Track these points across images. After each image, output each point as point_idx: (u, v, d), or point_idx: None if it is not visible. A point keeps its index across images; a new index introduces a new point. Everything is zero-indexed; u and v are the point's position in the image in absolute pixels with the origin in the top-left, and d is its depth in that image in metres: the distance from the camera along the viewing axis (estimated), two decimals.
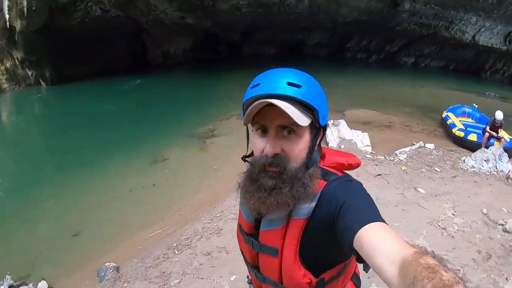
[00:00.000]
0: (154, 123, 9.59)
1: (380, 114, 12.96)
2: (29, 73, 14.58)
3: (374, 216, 0.99)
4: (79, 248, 5.16)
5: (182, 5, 14.60)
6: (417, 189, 6.56)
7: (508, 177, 7.72)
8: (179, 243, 4.66)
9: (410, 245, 0.84)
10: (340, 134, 9.07)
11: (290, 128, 1.10)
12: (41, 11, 12.74)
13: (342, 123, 9.47)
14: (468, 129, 10.41)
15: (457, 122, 11.20)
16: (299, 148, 1.13)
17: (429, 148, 9.43)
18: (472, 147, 9.37)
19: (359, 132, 9.41)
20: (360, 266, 1.25)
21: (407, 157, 8.49)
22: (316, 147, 1.20)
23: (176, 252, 4.47)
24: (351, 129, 9.46)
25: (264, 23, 18.15)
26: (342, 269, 1.24)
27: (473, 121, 11.98)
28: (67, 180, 6.94)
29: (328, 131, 9.01)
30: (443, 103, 14.60)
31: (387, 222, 0.98)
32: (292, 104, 1.07)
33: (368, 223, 0.95)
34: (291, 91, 1.09)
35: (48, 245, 5.29)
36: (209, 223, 5.07)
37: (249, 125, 1.22)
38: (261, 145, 1.15)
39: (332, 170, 1.25)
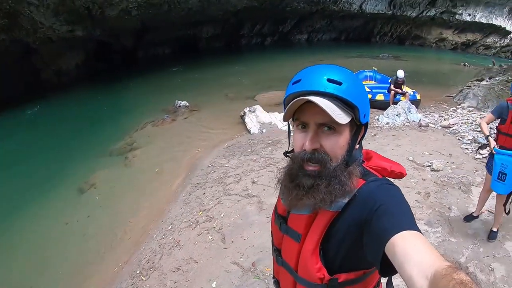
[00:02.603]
0: (67, 151, 8.48)
1: None
2: None
3: (410, 224, 0.96)
4: None
5: (70, 17, 13.51)
6: None
7: (420, 125, 8.42)
8: (142, 268, 4.31)
9: (444, 258, 0.82)
10: (259, 119, 9.10)
11: (329, 125, 1.09)
12: None
13: (258, 108, 9.53)
14: (373, 90, 11.09)
15: None
16: (339, 145, 1.12)
17: None
18: (382, 106, 10.08)
19: (276, 113, 9.55)
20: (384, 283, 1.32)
21: None
22: (356, 145, 1.19)
23: (143, 278, 4.13)
24: (268, 112, 9.51)
25: (156, 24, 17.54)
26: (360, 277, 1.18)
27: (376, 83, 12.85)
28: None
29: (247, 119, 9.03)
30: None
31: (422, 232, 0.95)
32: (332, 101, 1.06)
33: (404, 230, 0.92)
34: (331, 88, 1.07)
35: None
36: (163, 238, 4.77)
37: (290, 121, 1.21)
38: (301, 140, 1.14)
39: (374, 172, 1.24)
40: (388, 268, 0.94)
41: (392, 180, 1.23)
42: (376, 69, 13.50)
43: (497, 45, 36.91)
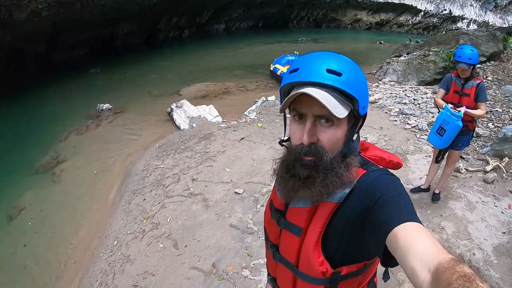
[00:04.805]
0: None
1: (214, 84, 13.30)
2: None
3: (412, 215, 0.95)
4: None
5: None
6: (281, 138, 6.96)
7: None
8: None
9: (447, 251, 0.81)
10: (187, 114, 8.99)
11: (327, 117, 1.06)
12: None
13: (185, 103, 9.41)
14: None
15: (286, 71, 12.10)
16: (337, 138, 1.10)
17: (272, 100, 10.09)
18: None
19: (204, 106, 9.48)
20: (379, 275, 1.33)
21: (256, 114, 8.93)
22: (354, 136, 1.18)
23: None
24: (195, 106, 9.42)
25: (68, 25, 16.30)
26: (360, 269, 1.19)
27: None
28: None
29: (175, 115, 8.87)
30: (266, 58, 15.61)
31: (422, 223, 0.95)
32: (330, 93, 1.03)
33: (406, 221, 0.92)
34: (330, 80, 1.04)
35: None
36: (111, 256, 4.49)
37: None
38: (298, 132, 1.12)
39: (373, 162, 1.23)
40: (391, 259, 0.93)
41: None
42: (297, 53, 13.84)
43: (409, 23, 40.12)
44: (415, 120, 7.58)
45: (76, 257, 4.83)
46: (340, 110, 1.03)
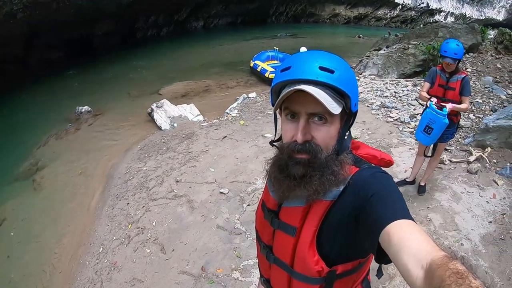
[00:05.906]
0: None
1: (194, 82, 13.20)
2: None
3: (405, 213, 0.96)
4: None
5: None
6: (264, 135, 7.02)
7: None
8: None
9: (440, 248, 0.82)
10: (168, 114, 8.89)
11: (321, 115, 1.07)
12: None
13: (166, 102, 9.30)
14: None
15: (266, 67, 12.14)
16: (330, 136, 1.10)
17: (253, 97, 10.05)
18: None
19: (184, 105, 9.39)
20: (373, 272, 1.35)
21: (238, 111, 8.91)
22: (346, 134, 1.19)
23: None
24: (176, 105, 9.31)
25: (44, 26, 15.79)
26: (355, 267, 1.19)
27: (279, 62, 13.11)
28: None
29: (155, 115, 8.76)
30: (246, 54, 15.55)
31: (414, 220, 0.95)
32: (324, 91, 1.03)
33: (398, 219, 0.92)
34: (324, 77, 1.04)
35: None
36: (97, 263, 4.35)
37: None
38: (291, 131, 1.11)
39: (365, 160, 1.24)
40: (384, 256, 0.93)
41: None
42: (277, 48, 13.84)
43: (387, 17, 40.64)
44: (397, 113, 7.66)
45: (62, 266, 4.67)
46: (334, 107, 1.03)
